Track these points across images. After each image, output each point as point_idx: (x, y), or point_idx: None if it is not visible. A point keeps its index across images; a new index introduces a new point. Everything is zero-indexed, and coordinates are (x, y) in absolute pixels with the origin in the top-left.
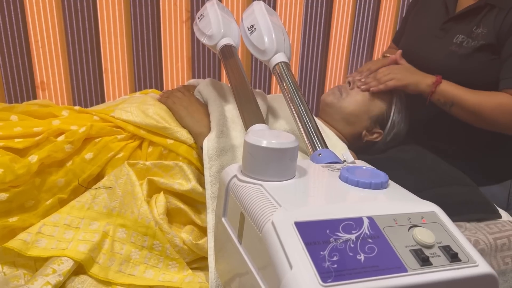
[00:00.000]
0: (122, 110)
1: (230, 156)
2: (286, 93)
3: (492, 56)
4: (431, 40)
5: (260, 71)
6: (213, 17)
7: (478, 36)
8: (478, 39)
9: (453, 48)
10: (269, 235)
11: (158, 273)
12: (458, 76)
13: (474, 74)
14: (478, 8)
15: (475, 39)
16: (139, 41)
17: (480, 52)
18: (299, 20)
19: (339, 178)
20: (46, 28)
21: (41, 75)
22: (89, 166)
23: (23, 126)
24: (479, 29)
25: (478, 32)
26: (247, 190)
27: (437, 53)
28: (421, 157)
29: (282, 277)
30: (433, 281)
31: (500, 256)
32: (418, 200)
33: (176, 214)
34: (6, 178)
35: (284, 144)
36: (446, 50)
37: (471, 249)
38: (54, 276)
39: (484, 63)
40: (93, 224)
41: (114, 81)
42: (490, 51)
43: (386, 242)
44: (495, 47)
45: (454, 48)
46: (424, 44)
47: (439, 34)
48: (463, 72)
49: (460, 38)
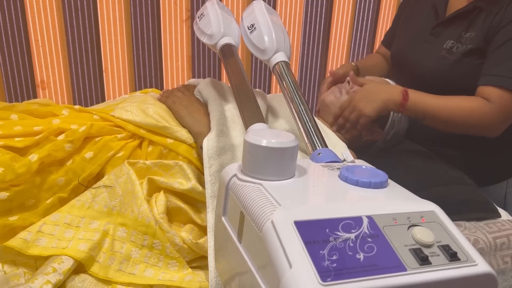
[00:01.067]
0: (122, 109)
1: (230, 156)
2: (286, 92)
3: (480, 60)
4: (421, 45)
5: (260, 71)
6: (213, 16)
7: (467, 40)
8: (467, 43)
9: (443, 54)
10: (268, 234)
11: (158, 272)
12: (449, 81)
13: (465, 79)
14: (467, 12)
15: (463, 43)
16: (139, 40)
17: (469, 57)
18: (299, 20)
19: (339, 178)
20: (46, 27)
21: (41, 74)
22: (89, 165)
23: (23, 125)
24: (468, 33)
25: (467, 36)
26: (247, 189)
27: (427, 59)
28: (420, 156)
29: (282, 276)
30: (432, 280)
31: (499, 255)
32: (418, 200)
33: (176, 213)
34: (6, 177)
35: (284, 143)
36: (436, 55)
37: (470, 248)
38: (54, 274)
39: (474, 67)
40: (93, 223)
41: (114, 80)
42: (478, 55)
43: (386, 241)
44: (483, 50)
45: (444, 53)
46: (415, 49)
47: (429, 39)
48: (454, 77)
49: (450, 43)
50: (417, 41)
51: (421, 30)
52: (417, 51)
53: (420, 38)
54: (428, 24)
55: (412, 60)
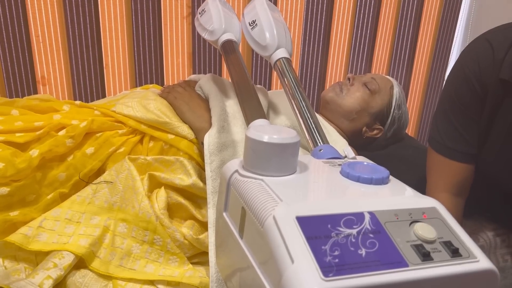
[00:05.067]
0: (123, 105)
1: (231, 152)
2: (287, 88)
3: None
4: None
5: (261, 67)
6: (214, 12)
7: None
8: None
9: None
10: (270, 230)
11: (158, 268)
12: None
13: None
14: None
15: None
16: (140, 36)
17: None
18: (300, 16)
19: (340, 174)
20: (47, 22)
21: (42, 70)
22: (90, 161)
23: (24, 121)
24: None
25: None
26: (248, 185)
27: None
28: (420, 153)
29: (284, 272)
30: (434, 276)
31: (499, 253)
32: (419, 196)
33: (176, 209)
34: (7, 172)
35: (285, 139)
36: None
37: (472, 244)
38: (55, 270)
39: None
40: (94, 219)
41: (115, 76)
42: None
43: (387, 237)
44: None
45: None
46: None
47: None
48: None
49: None
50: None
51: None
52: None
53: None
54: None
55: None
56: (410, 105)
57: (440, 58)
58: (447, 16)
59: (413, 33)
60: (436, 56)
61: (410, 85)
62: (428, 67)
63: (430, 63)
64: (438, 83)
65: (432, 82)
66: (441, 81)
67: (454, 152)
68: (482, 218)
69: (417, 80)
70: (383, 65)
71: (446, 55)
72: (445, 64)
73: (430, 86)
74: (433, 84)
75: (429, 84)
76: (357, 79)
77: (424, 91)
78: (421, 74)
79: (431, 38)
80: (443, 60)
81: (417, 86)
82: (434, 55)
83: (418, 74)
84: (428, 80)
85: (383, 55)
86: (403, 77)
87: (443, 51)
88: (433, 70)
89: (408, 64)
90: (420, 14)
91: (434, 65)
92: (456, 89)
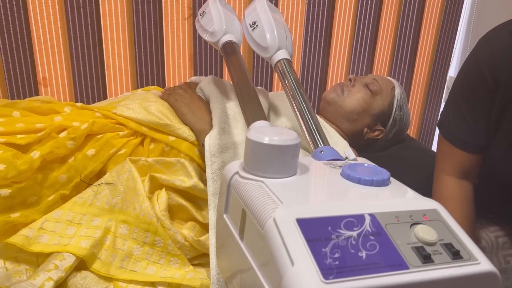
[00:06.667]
0: (124, 106)
1: (232, 153)
2: (288, 90)
3: None
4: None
5: (262, 68)
6: (215, 14)
7: None
8: None
9: None
10: (270, 232)
11: (159, 269)
12: None
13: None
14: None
15: None
16: (141, 38)
17: None
18: (301, 17)
19: (341, 175)
20: (48, 24)
21: (43, 72)
22: (91, 163)
23: (25, 122)
24: None
25: None
26: (249, 187)
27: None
28: (422, 154)
29: (284, 274)
30: (434, 279)
31: (501, 255)
32: (420, 198)
33: (177, 210)
34: (8, 174)
35: (286, 141)
36: None
37: (473, 246)
38: (56, 271)
39: None
40: (95, 220)
41: (116, 77)
42: None
43: (388, 239)
44: None
45: None
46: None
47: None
48: None
49: None
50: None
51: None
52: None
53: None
54: None
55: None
56: (412, 106)
57: (442, 59)
58: (449, 17)
59: (415, 34)
60: (437, 57)
61: (411, 86)
62: (429, 68)
63: (432, 64)
64: (439, 84)
65: (433, 83)
66: (443, 82)
67: (460, 141)
68: (484, 220)
69: (419, 81)
70: (384, 66)
71: (448, 56)
72: (446, 65)
73: (431, 87)
74: (434, 85)
75: (431, 85)
76: (358, 80)
77: (425, 92)
78: (422, 75)
79: (433, 39)
80: (445, 61)
81: (419, 87)
82: (436, 56)
83: (420, 75)
84: (429, 81)
85: (384, 56)
86: (405, 78)
87: (445, 52)
88: (434, 71)
89: (409, 65)
90: (422, 15)
91: (436, 66)
92: (466, 76)
